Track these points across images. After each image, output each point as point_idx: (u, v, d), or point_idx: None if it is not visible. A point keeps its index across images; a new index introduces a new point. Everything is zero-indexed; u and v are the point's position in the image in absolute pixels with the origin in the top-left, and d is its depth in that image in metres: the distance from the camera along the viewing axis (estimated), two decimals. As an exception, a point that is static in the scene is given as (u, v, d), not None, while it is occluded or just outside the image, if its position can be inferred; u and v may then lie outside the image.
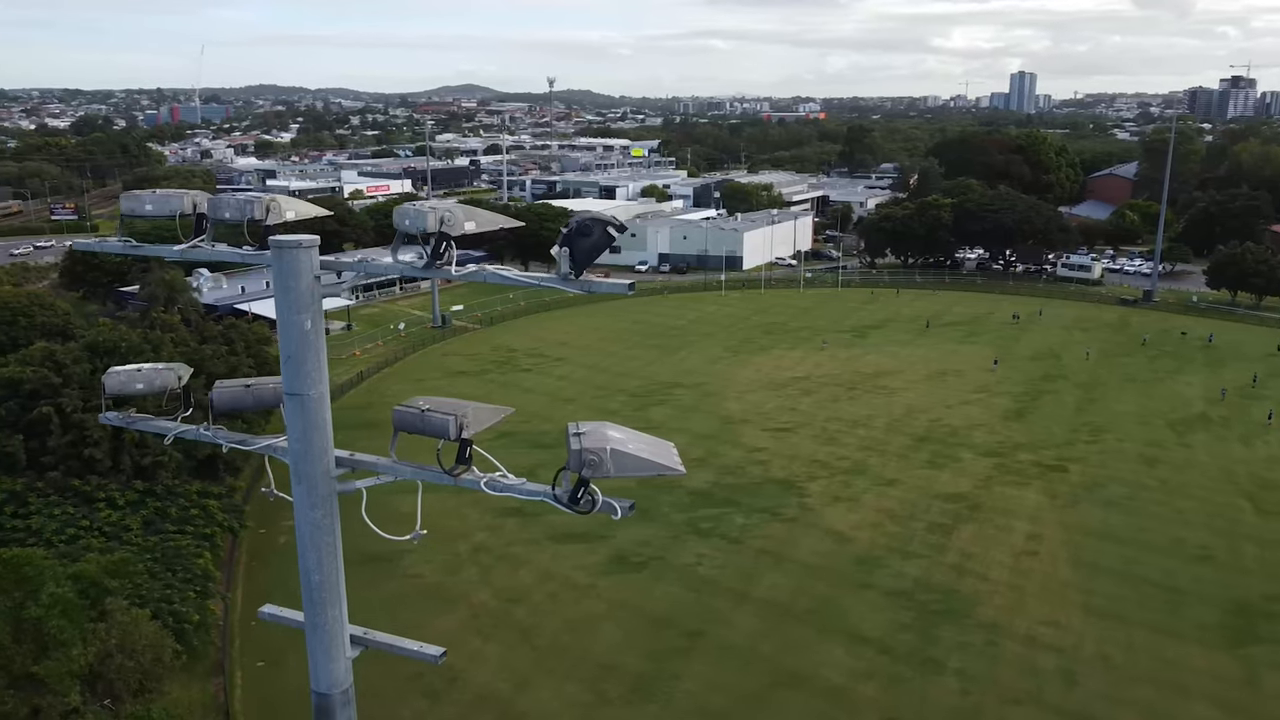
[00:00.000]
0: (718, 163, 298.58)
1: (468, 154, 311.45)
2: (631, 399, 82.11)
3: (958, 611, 47.94)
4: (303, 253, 6.10)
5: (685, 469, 6.19)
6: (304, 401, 6.38)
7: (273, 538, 56.40)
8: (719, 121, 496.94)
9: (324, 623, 6.85)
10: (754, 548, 55.05)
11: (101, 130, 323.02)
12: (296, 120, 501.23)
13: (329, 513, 6.69)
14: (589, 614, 48.29)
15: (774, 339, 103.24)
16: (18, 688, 26.38)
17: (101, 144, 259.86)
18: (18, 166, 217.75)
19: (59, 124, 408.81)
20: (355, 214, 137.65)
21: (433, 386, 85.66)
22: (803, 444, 71.05)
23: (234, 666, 43.79)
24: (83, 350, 53.95)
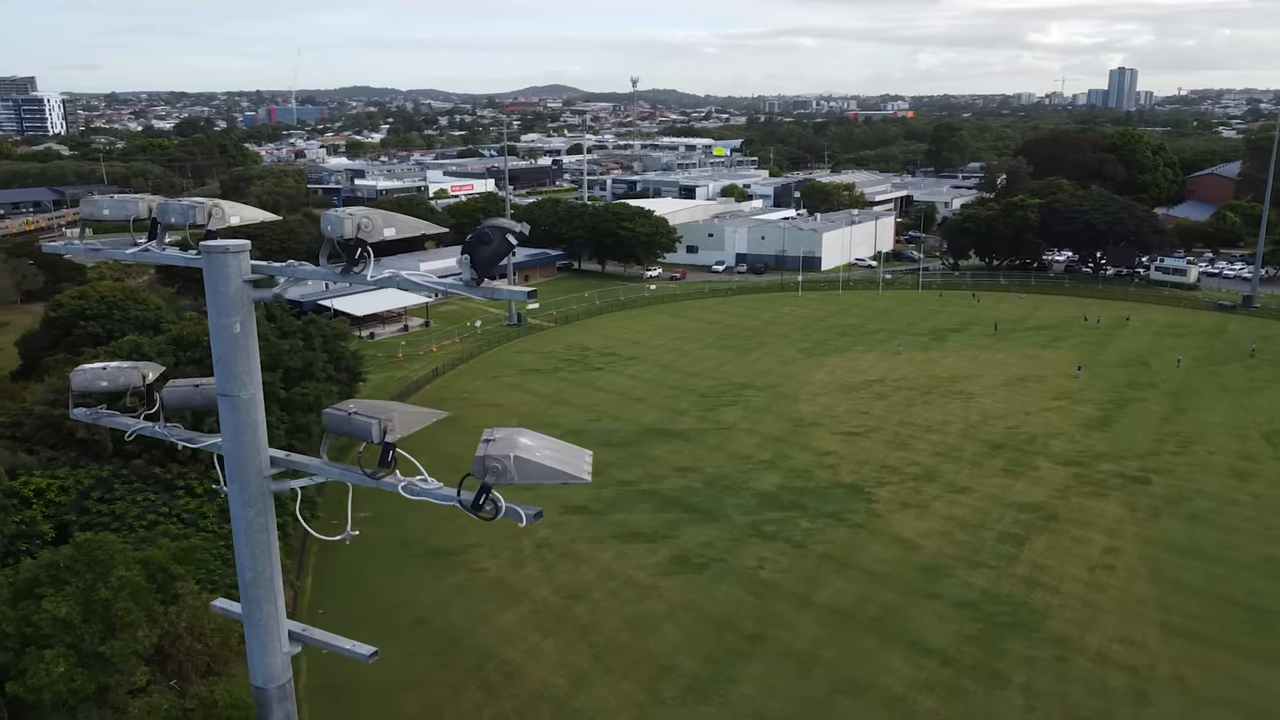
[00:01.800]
0: (801, 162, 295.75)
1: (551, 154, 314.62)
2: (702, 399, 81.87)
3: (1026, 625, 46.55)
4: (231, 257, 6.22)
5: (590, 478, 6.13)
6: (235, 403, 6.48)
7: (344, 528, 57.71)
8: (804, 120, 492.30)
9: (259, 618, 6.95)
10: (818, 553, 54.33)
11: (202, 131, 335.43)
12: (387, 121, 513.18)
13: (263, 511, 6.78)
14: (649, 613, 48.29)
15: (849, 341, 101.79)
16: (86, 666, 27.59)
17: (201, 145, 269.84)
18: (124, 166, 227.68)
19: (164, 125, 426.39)
20: (436, 213, 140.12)
21: (505, 383, 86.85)
22: (873, 448, 69.87)
23: (300, 653, 44.93)
24: (167, 343, 56.12)
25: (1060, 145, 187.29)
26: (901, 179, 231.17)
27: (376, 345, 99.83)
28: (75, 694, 27.41)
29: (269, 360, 58.96)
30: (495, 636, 46.41)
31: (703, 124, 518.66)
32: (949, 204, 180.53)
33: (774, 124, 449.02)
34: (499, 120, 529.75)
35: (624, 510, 60.25)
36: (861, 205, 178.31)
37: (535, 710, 40.97)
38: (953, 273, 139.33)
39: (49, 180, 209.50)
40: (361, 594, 50.49)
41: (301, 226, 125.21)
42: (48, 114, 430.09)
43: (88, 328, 74.00)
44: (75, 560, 29.22)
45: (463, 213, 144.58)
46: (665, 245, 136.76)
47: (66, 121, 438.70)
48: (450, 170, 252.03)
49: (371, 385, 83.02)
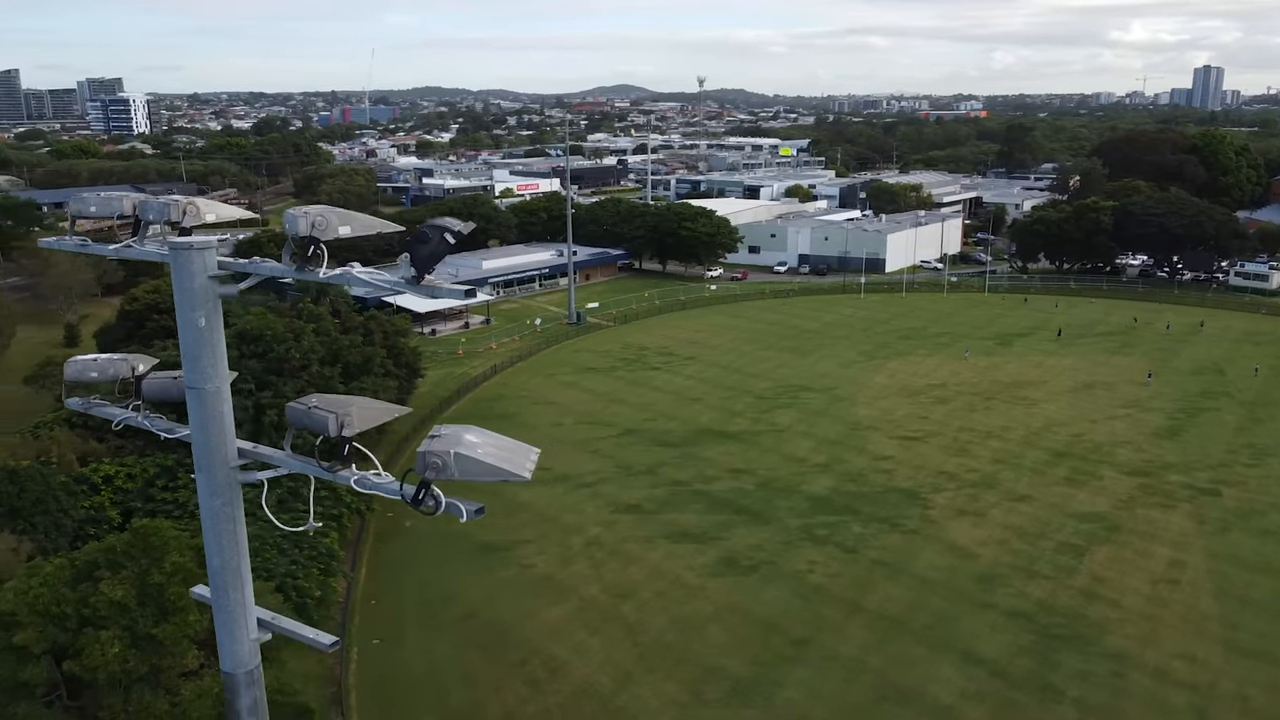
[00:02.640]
0: (869, 162, 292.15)
1: (616, 154, 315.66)
2: (758, 401, 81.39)
3: (1083, 638, 45.34)
4: (195, 254, 6.37)
5: (529, 476, 6.12)
6: (201, 395, 6.63)
7: (398, 521, 58.78)
8: (873, 120, 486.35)
9: (227, 605, 7.08)
10: (870, 558, 53.63)
11: (278, 131, 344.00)
12: (457, 121, 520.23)
13: (229, 501, 6.90)
14: (696, 614, 48.18)
15: (911, 344, 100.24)
16: (139, 647, 28.50)
17: (277, 144, 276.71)
18: (203, 165, 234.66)
19: (242, 125, 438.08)
20: (500, 212, 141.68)
21: (562, 381, 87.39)
22: (931, 454, 68.72)
23: (351, 642, 45.88)
24: (232, 337, 57.58)
25: (1137, 146, 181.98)
26: (971, 180, 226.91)
27: (438, 342, 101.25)
28: (128, 674, 28.34)
29: (329, 355, 60.32)
30: (542, 632, 46.75)
31: (770, 124, 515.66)
32: (1020, 206, 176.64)
33: (842, 124, 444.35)
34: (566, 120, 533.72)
35: (675, 510, 60.18)
36: (929, 206, 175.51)
37: (578, 707, 41.17)
38: (1021, 276, 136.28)
39: (132, 178, 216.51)
40: (413, 586, 51.26)
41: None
42: (133, 114, 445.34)
43: (160, 321, 76.38)
44: (131, 545, 30.22)
45: (525, 211, 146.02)
46: (727, 245, 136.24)
47: (150, 121, 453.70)
48: (516, 170, 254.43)
49: (430, 381, 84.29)
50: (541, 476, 65.27)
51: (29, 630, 27.55)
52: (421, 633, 47.00)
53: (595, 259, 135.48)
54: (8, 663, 26.98)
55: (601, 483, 64.41)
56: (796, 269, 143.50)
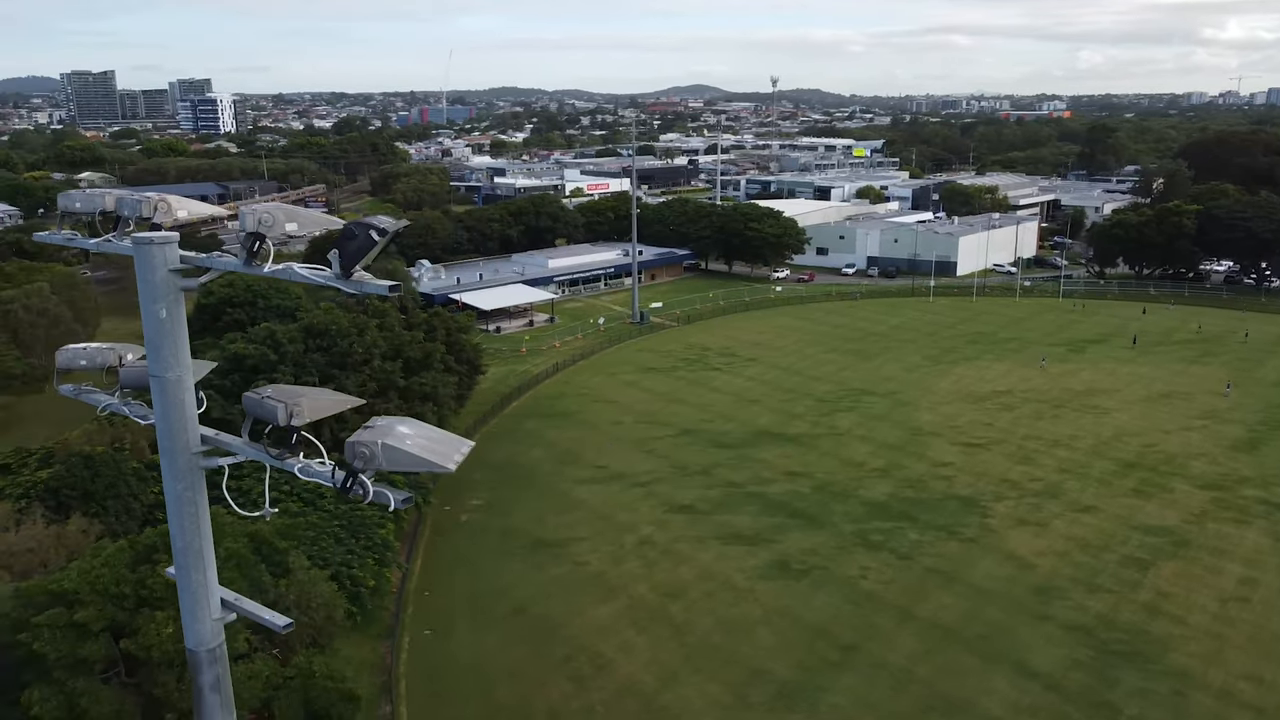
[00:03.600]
0: (944, 164, 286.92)
1: (688, 154, 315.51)
2: (818, 404, 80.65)
3: (1144, 655, 43.98)
4: (156, 248, 6.64)
5: (454, 467, 6.23)
6: (163, 383, 6.90)
7: (455, 515, 59.74)
8: (951, 121, 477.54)
9: (190, 585, 7.37)
10: (924, 565, 52.77)
11: (357, 130, 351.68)
12: (531, 121, 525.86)
13: (191, 485, 7.18)
14: (744, 617, 47.99)
15: (979, 349, 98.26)
16: (193, 630, 29.52)
17: (355, 143, 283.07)
18: (284, 163, 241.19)
19: (324, 125, 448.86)
20: (567, 211, 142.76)
21: (622, 380, 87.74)
22: (994, 461, 67.31)
23: (403, 632, 46.78)
24: (299, 331, 59.24)
25: (1227, 147, 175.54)
26: (1050, 182, 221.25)
27: (502, 339, 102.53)
28: (181, 654, 29.34)
29: (391, 350, 61.51)
30: (590, 630, 47.05)
31: (845, 124, 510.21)
32: (1099, 209, 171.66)
33: (918, 124, 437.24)
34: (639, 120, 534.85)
35: (729, 512, 60.00)
36: (1004, 209, 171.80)
37: (621, 705, 41.35)
38: (1097, 281, 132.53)
39: (217, 176, 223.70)
40: (466, 580, 52.02)
41: (438, 223, 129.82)
42: (220, 114, 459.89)
43: (234, 314, 78.71)
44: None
45: (592, 211, 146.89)
46: (793, 246, 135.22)
47: (236, 121, 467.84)
48: (587, 169, 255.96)
49: (492, 378, 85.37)
50: (597, 475, 66.02)
51: (89, 609, 28.74)
52: (472, 625, 47.68)
53: (661, 259, 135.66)
54: (69, 639, 28.21)
55: (656, 482, 64.52)
56: (865, 271, 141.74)
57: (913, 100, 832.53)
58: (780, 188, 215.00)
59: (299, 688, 32.75)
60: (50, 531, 39.15)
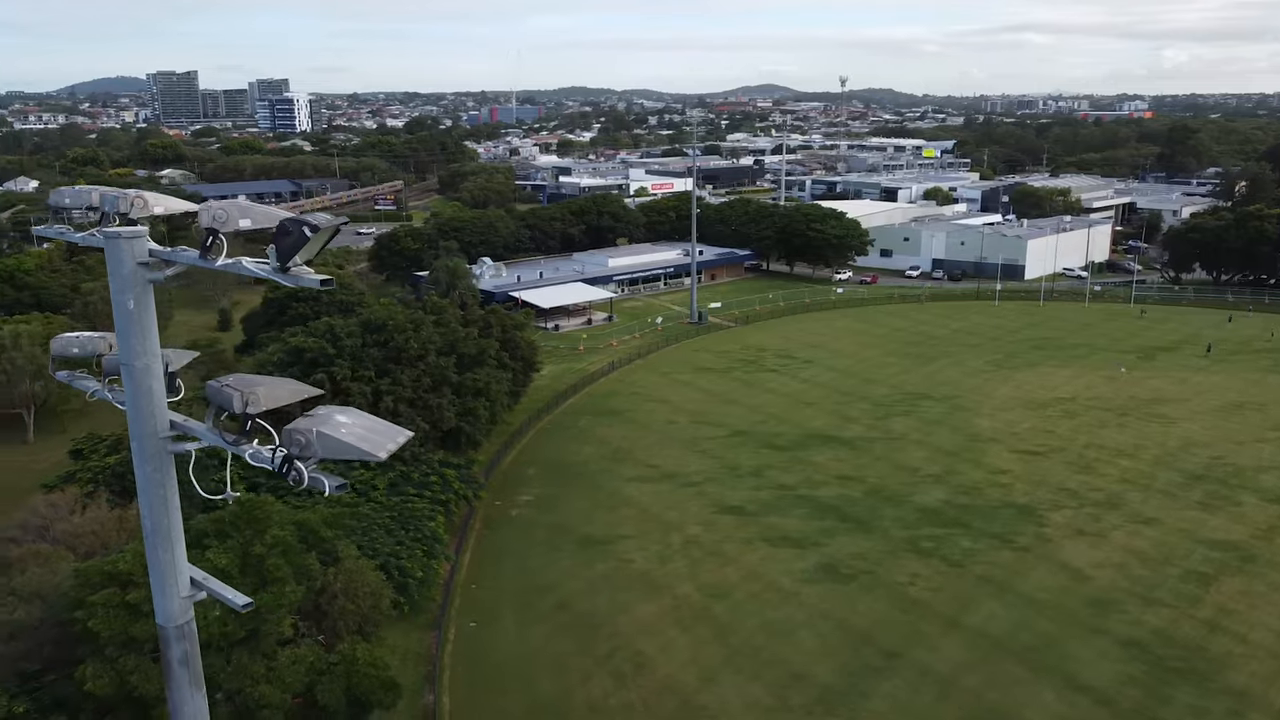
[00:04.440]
0: (1017, 165, 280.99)
1: (754, 154, 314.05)
2: (874, 407, 79.72)
3: (1201, 672, 42.66)
4: (125, 242, 6.95)
5: (384, 456, 6.40)
6: (131, 371, 7.21)
7: (506, 510, 60.45)
8: (1026, 121, 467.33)
9: (159, 564, 7.68)
10: (976, 574, 51.87)
11: (427, 130, 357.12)
12: (599, 120, 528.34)
13: (159, 468, 7.47)
14: (788, 619, 47.73)
15: (1044, 355, 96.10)
16: (238, 613, 30.42)
17: (425, 142, 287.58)
18: (355, 161, 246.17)
19: (396, 124, 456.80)
20: (629, 210, 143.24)
21: (678, 380, 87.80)
22: (1053, 469, 65.82)
23: (449, 624, 47.53)
24: (357, 326, 60.53)
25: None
26: (1126, 184, 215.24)
27: (560, 337, 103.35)
28: (227, 637, 30.32)
29: (446, 345, 62.47)
30: (633, 627, 47.25)
31: (916, 124, 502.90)
32: (1177, 212, 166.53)
33: (992, 124, 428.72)
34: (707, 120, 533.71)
35: (778, 514, 59.69)
36: (1076, 211, 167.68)
37: (661, 703, 41.47)
38: (1172, 287, 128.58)
39: (291, 173, 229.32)
40: (513, 574, 52.62)
41: (501, 221, 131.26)
42: (296, 113, 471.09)
43: (298, 309, 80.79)
44: (237, 518, 32.29)
45: (654, 210, 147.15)
46: (856, 248, 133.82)
47: (312, 120, 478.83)
48: (652, 169, 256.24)
49: (549, 375, 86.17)
50: (647, 474, 66.21)
51: (141, 590, 29.80)
52: (517, 619, 48.23)
53: (722, 259, 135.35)
54: (121, 618, 29.32)
55: (706, 482, 64.48)
56: (929, 274, 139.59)
57: (987, 100, 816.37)
58: (846, 188, 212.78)
59: (342, 674, 33.53)
60: (113, 515, 40.68)
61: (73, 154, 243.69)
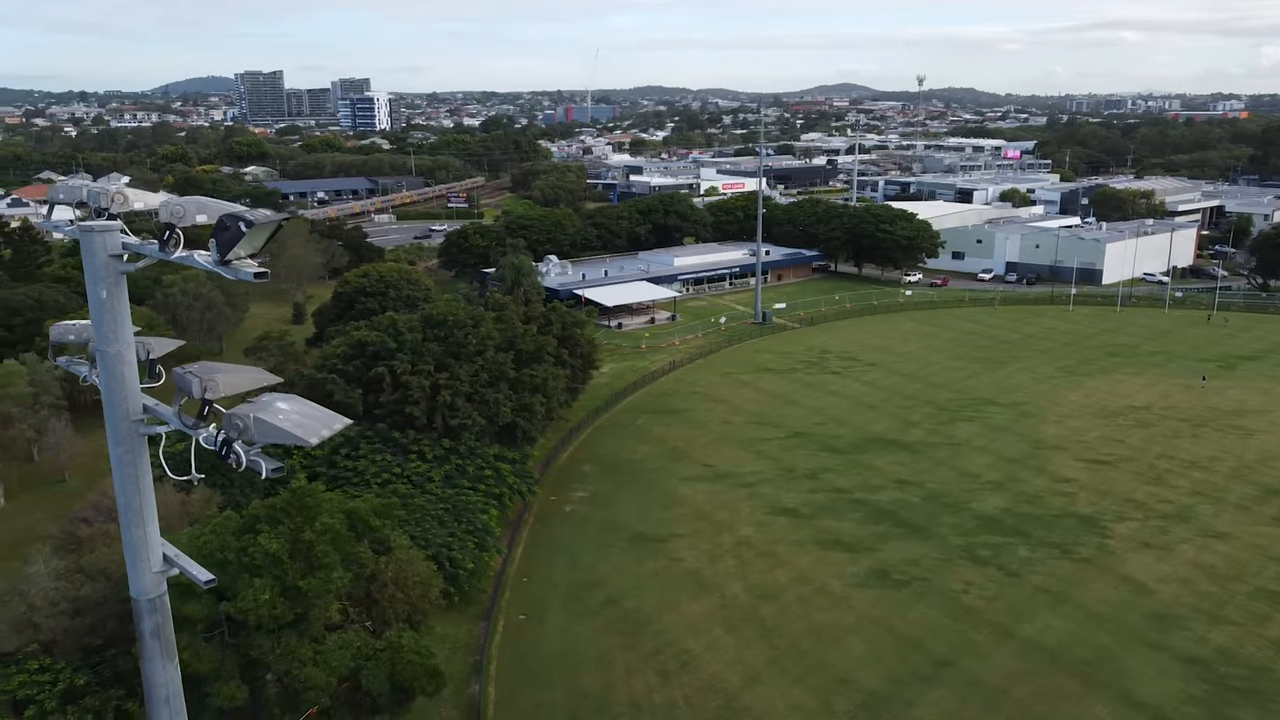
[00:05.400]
0: (1100, 166, 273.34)
1: (828, 154, 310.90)
2: (938, 411, 78.41)
3: (1267, 694, 41.11)
4: (98, 236, 7.35)
5: (315, 441, 6.64)
6: (105, 356, 7.60)
7: (560, 505, 61.02)
8: (1112, 121, 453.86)
9: (132, 541, 8.06)
10: (1033, 584, 50.74)
11: (502, 129, 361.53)
12: (673, 120, 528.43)
13: (131, 449, 7.84)
14: (836, 624, 47.33)
15: (1118, 362, 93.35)
16: (288, 597, 31.40)
17: (499, 141, 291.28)
18: (431, 160, 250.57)
19: (473, 123, 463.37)
20: (696, 210, 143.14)
21: (738, 380, 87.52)
22: (1121, 480, 63.97)
23: (499, 615, 48.21)
24: (419, 320, 61.71)
25: None
26: (1215, 187, 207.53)
27: (623, 335, 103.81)
28: (276, 619, 31.30)
29: (505, 341, 63.29)
30: (680, 625, 47.35)
31: (997, 124, 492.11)
32: (1268, 216, 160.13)
33: (1075, 125, 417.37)
34: (781, 119, 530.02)
35: (832, 517, 59.16)
36: (1160, 214, 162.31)
37: (703, 701, 41.50)
38: (1260, 294, 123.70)
39: (368, 171, 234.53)
40: (564, 569, 53.13)
41: (568, 219, 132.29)
42: (376, 112, 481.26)
43: (366, 303, 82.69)
44: (289, 505, 33.29)
45: (721, 210, 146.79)
46: (927, 249, 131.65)
47: (391, 119, 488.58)
48: (724, 168, 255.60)
49: (610, 373, 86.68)
50: (702, 473, 66.20)
51: (195, 571, 30.97)
52: (565, 613, 48.70)
53: (789, 259, 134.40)
54: (173, 597, 30.40)
55: (761, 483, 64.21)
56: (1002, 277, 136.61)
57: (1072, 100, 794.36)
58: (920, 189, 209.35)
59: (387, 660, 34.29)
60: (177, 499, 42.22)
61: (163, 151, 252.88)
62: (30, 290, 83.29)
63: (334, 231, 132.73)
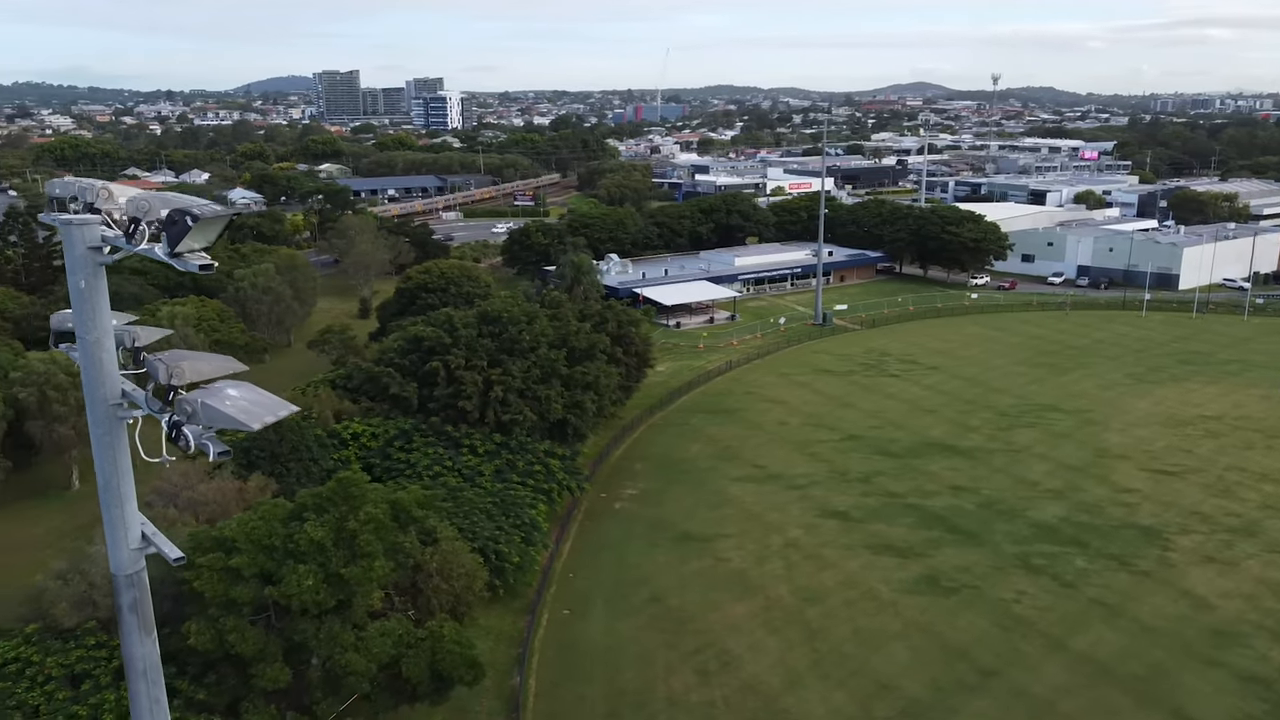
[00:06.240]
0: (1183, 168, 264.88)
1: (899, 154, 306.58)
2: (998, 417, 76.92)
3: (1330, 717, 39.57)
4: (76, 229, 7.74)
5: (258, 427, 6.91)
6: (84, 344, 8.00)
7: (610, 502, 61.39)
8: (1198, 122, 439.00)
9: (111, 519, 8.43)
10: (1088, 595, 49.54)
11: (571, 128, 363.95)
12: (742, 119, 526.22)
13: (109, 431, 8.19)
14: (881, 629, 46.83)
15: (1191, 370, 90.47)
16: (330, 584, 32.24)
17: (567, 140, 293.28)
18: (499, 158, 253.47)
19: (543, 121, 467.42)
20: (758, 210, 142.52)
21: (795, 381, 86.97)
22: (1186, 491, 62.05)
23: (544, 609, 48.72)
24: (474, 317, 62.61)
25: None
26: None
27: (680, 334, 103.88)
28: (319, 605, 32.15)
29: (558, 339, 63.87)
30: (722, 625, 47.32)
31: (1076, 124, 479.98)
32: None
33: (1158, 125, 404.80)
34: (852, 119, 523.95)
35: (883, 521, 58.50)
36: (1243, 218, 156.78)
37: (742, 702, 41.44)
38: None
39: (439, 169, 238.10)
40: (610, 565, 53.46)
41: (630, 218, 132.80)
42: (448, 110, 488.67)
43: (427, 299, 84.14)
44: (335, 494, 34.16)
45: (784, 210, 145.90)
46: (994, 252, 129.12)
47: (463, 117, 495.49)
48: (791, 168, 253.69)
49: (666, 372, 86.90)
50: (753, 474, 65.99)
51: (243, 556, 31.99)
52: (609, 610, 49.02)
53: (852, 260, 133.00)
54: (223, 580, 31.54)
55: (813, 486, 63.77)
56: (1073, 281, 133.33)
57: (1157, 99, 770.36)
58: (992, 190, 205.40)
59: (427, 649, 34.95)
60: (233, 486, 43.59)
61: (242, 149, 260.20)
62: (109, 281, 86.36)
63: (401, 228, 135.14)
